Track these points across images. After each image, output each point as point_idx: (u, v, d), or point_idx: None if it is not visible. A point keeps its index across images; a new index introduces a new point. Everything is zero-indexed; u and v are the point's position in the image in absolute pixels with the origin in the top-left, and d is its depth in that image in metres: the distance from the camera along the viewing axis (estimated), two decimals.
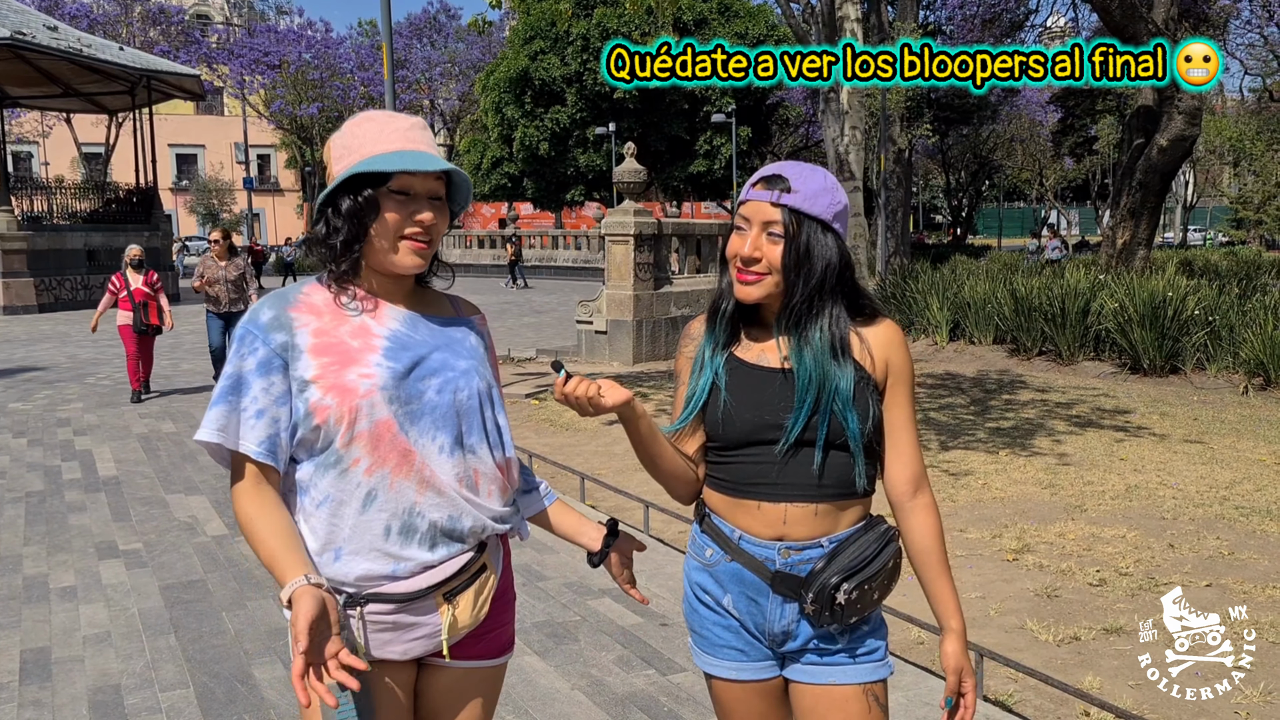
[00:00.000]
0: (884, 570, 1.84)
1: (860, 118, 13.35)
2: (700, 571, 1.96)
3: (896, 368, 1.90)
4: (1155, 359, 11.51)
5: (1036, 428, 8.86)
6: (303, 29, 50.30)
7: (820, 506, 1.85)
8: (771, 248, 1.82)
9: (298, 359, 1.74)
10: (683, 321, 14.64)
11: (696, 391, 1.91)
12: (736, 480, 1.89)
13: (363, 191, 1.75)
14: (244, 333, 1.77)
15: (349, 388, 1.72)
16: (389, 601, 1.75)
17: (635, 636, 4.27)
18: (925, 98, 34.94)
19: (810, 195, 1.82)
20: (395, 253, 1.77)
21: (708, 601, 1.95)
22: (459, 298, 2.03)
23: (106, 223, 25.19)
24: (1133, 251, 15.83)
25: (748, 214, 1.85)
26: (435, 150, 1.82)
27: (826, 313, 1.85)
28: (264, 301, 1.81)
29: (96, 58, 23.01)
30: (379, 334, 1.79)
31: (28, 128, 47.05)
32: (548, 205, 41.90)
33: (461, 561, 1.81)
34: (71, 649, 4.22)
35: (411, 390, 1.77)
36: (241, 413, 1.73)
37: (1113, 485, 6.83)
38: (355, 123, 1.83)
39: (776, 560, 1.85)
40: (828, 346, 1.84)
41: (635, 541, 2.06)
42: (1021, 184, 55.42)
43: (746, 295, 1.85)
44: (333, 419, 1.72)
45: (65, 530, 5.98)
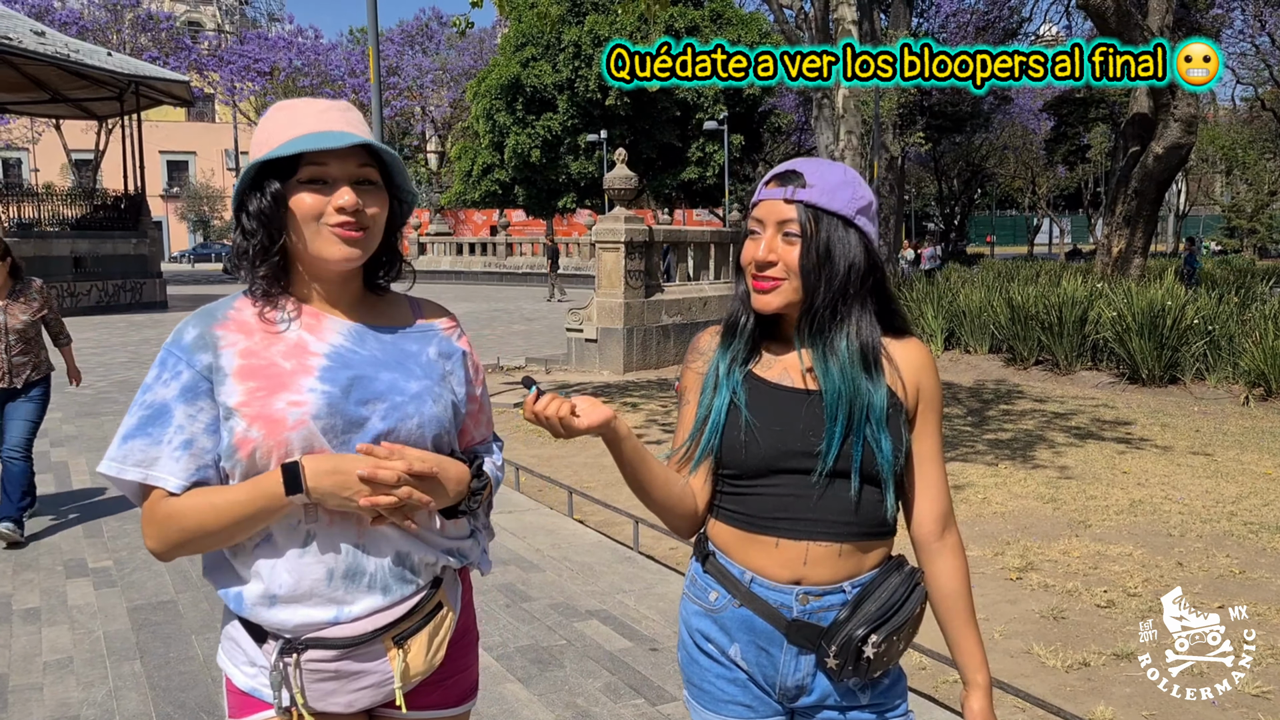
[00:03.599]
0: (912, 619, 1.64)
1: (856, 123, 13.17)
2: (702, 617, 1.73)
3: (928, 393, 1.71)
4: (1154, 369, 11.36)
5: (1036, 439, 8.69)
6: (293, 36, 50.12)
7: (845, 546, 1.64)
8: (788, 249, 1.63)
9: (222, 383, 1.52)
10: (675, 330, 14.46)
11: (711, 412, 1.69)
12: (753, 514, 1.67)
13: (270, 186, 1.52)
14: (165, 355, 1.56)
15: (276, 418, 1.50)
16: (330, 648, 1.55)
17: (624, 662, 4.07)
18: (918, 105, 34.92)
19: (828, 189, 1.63)
20: (320, 244, 1.53)
21: (711, 651, 1.73)
22: (423, 300, 1.79)
23: (94, 229, 24.93)
24: (1128, 260, 15.71)
25: (761, 215, 1.66)
26: (361, 129, 1.59)
27: (853, 319, 1.65)
28: (188, 320, 1.59)
29: (84, 63, 22.78)
30: (317, 351, 1.57)
31: (17, 134, 46.81)
32: (539, 212, 41.71)
33: (413, 602, 1.61)
34: (31, 676, 4.01)
35: (352, 417, 1.54)
36: (165, 445, 1.51)
37: (1116, 500, 6.66)
38: (268, 115, 1.61)
39: (794, 607, 1.64)
40: (857, 357, 1.64)
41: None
42: (1014, 192, 55.42)
43: (765, 304, 1.65)
44: (259, 453, 1.50)
45: (34, 547, 5.76)
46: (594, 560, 5.43)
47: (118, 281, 24.82)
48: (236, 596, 1.57)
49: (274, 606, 1.54)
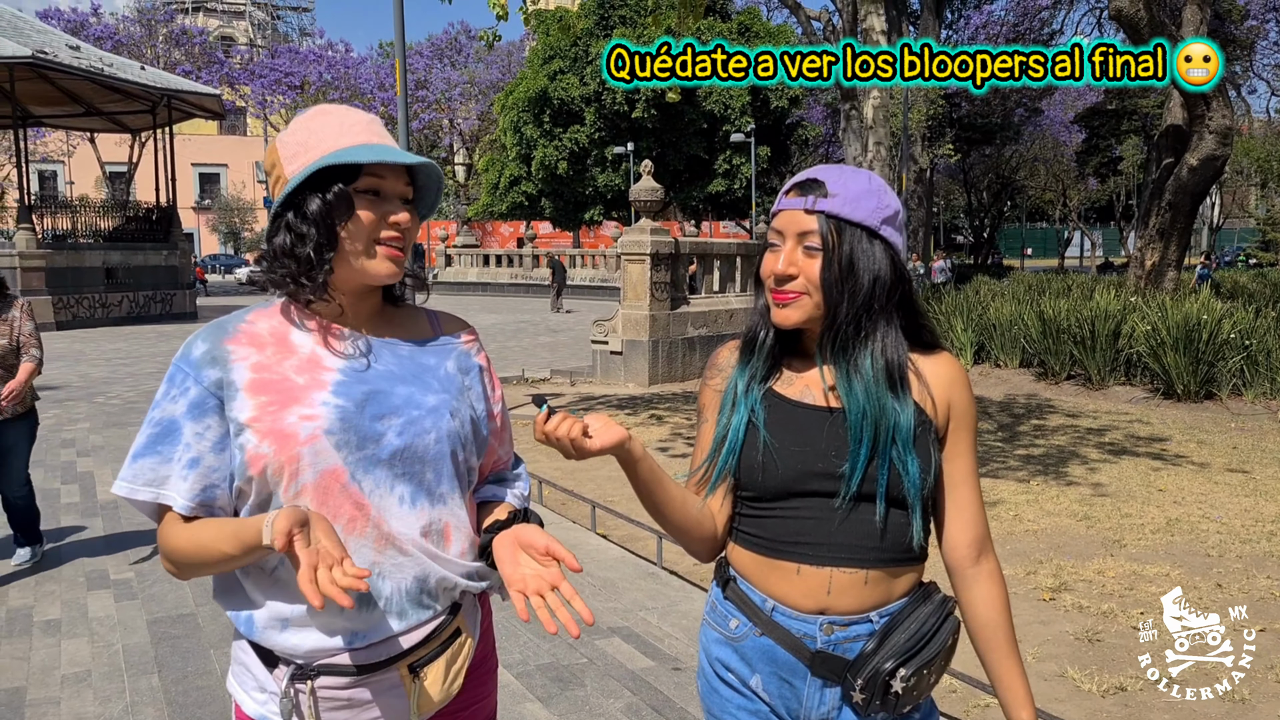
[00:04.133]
0: (943, 651, 1.55)
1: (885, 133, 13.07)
2: (722, 645, 1.65)
3: (960, 411, 1.62)
4: (1190, 384, 11.14)
5: (1069, 455, 8.53)
6: (323, 50, 50.58)
7: (872, 573, 1.55)
8: (809, 262, 1.55)
9: (233, 398, 1.47)
10: (700, 342, 14.37)
11: (729, 431, 1.61)
12: (773, 538, 1.59)
13: (332, 188, 1.47)
14: (174, 371, 1.51)
15: (288, 433, 1.45)
16: (343, 674, 1.48)
17: (645, 682, 3.98)
18: (947, 117, 34.71)
19: (851, 199, 1.54)
20: (370, 259, 1.50)
21: (731, 681, 1.64)
22: (441, 313, 1.73)
23: (126, 241, 25.19)
24: (1162, 273, 15.47)
25: (780, 226, 1.58)
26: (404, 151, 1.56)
27: (878, 336, 1.56)
28: (199, 334, 1.54)
29: (117, 77, 23.04)
30: (331, 366, 1.52)
31: (53, 147, 47.39)
32: (566, 224, 41.77)
33: (430, 627, 1.54)
34: (49, 689, 3.98)
35: (367, 432, 1.49)
36: (175, 463, 1.46)
37: (1152, 518, 6.50)
38: (308, 116, 1.56)
39: (818, 637, 1.56)
40: (882, 375, 1.55)
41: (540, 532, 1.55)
42: (1044, 204, 54.93)
43: (784, 319, 1.57)
44: (270, 470, 1.45)
45: (57, 558, 5.75)
46: (617, 576, 5.35)
47: (148, 292, 25.05)
48: (247, 619, 1.51)
49: (285, 630, 1.48)
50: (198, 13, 70.01)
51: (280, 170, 1.54)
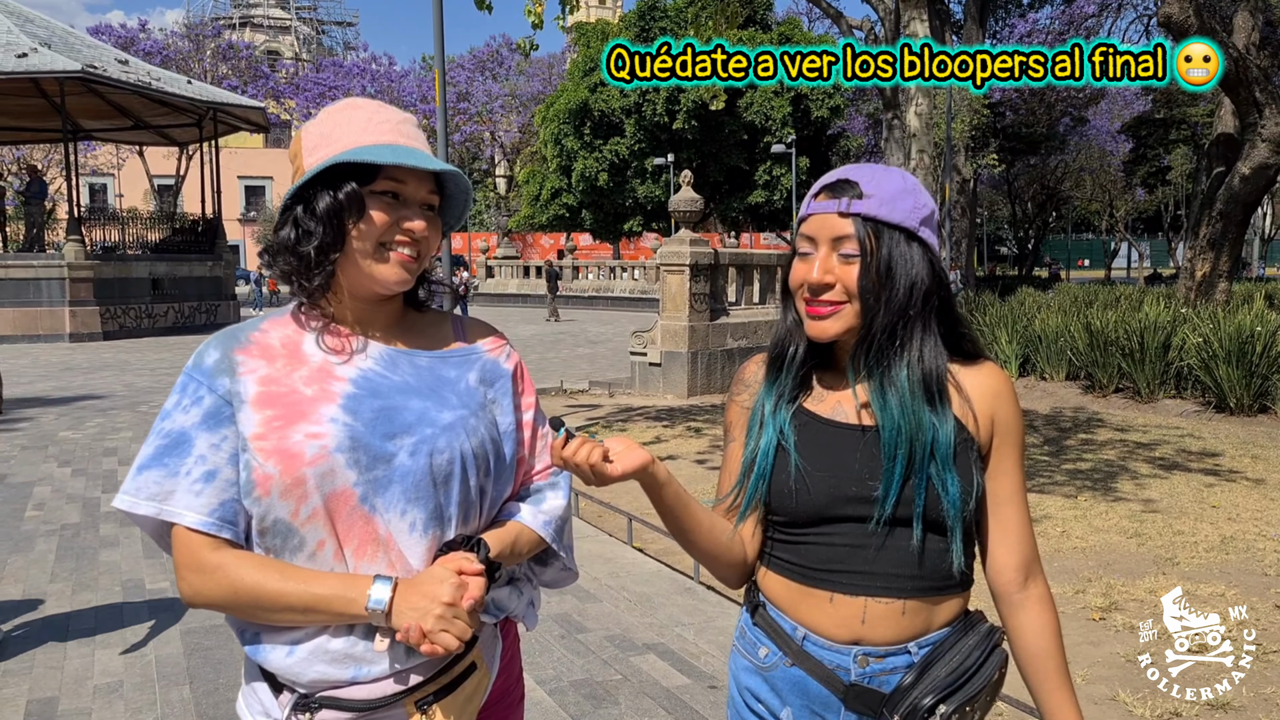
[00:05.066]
0: (988, 687, 1.45)
1: (929, 142, 12.90)
2: (752, 674, 1.56)
3: (1005, 425, 1.50)
4: (1243, 397, 10.85)
5: (1118, 470, 8.31)
6: (367, 63, 51.17)
7: (910, 603, 1.45)
8: (846, 269, 1.44)
9: (240, 410, 1.40)
10: (740, 354, 14.25)
11: (758, 454, 1.50)
12: (805, 565, 1.49)
13: (344, 186, 1.40)
14: (185, 380, 1.44)
15: (293, 452, 1.37)
16: (345, 709, 1.40)
17: (680, 700, 3.89)
18: (991, 127, 34.32)
19: (888, 199, 1.44)
20: (379, 264, 1.42)
21: (761, 713, 1.55)
22: (468, 320, 1.64)
23: (172, 252, 25.55)
24: (1213, 284, 15.13)
25: (811, 232, 1.47)
26: (426, 148, 1.48)
27: (915, 345, 1.45)
28: (210, 342, 1.47)
29: (164, 90, 23.41)
30: (342, 377, 1.44)
31: (103, 160, 48.33)
32: (606, 236, 41.86)
33: (441, 662, 1.44)
34: (80, 700, 3.96)
35: (378, 452, 1.40)
36: (184, 477, 1.38)
37: (1206, 536, 6.30)
38: (337, 109, 1.49)
39: (852, 670, 1.46)
40: (918, 387, 1.44)
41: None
42: (1090, 215, 54.17)
43: (822, 332, 1.46)
44: (276, 492, 1.37)
45: (94, 567, 5.77)
46: (652, 591, 5.26)
47: (193, 303, 25.37)
48: (254, 638, 1.43)
49: (289, 656, 1.40)
50: (244, 28, 71.19)
51: (300, 161, 1.48)
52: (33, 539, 6.34)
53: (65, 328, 21.61)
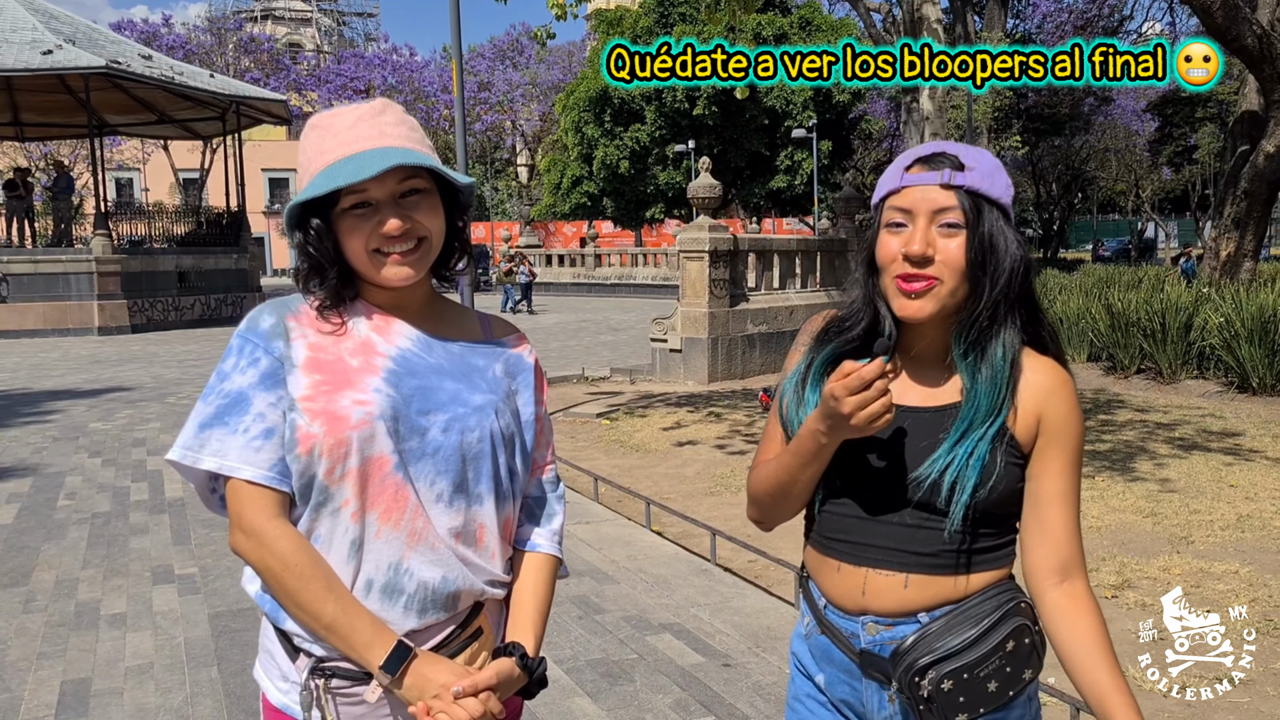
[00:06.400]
0: (999, 654, 1.41)
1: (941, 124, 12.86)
2: (800, 640, 1.62)
3: (1055, 425, 1.45)
4: (1266, 377, 10.79)
5: (1136, 450, 8.31)
6: (388, 55, 51.31)
7: (914, 577, 1.45)
8: (947, 243, 1.40)
9: (290, 373, 1.48)
10: (760, 340, 14.28)
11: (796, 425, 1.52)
12: (820, 534, 1.54)
13: (310, 223, 1.50)
14: (241, 342, 1.51)
15: (340, 415, 1.45)
16: (354, 677, 1.48)
17: (695, 678, 3.97)
18: (1014, 108, 34.04)
19: (987, 174, 1.42)
20: (377, 271, 1.51)
21: (803, 677, 1.62)
22: (493, 317, 1.74)
23: (198, 245, 25.83)
24: (1238, 264, 15.00)
25: (906, 204, 1.42)
26: (395, 138, 1.51)
27: (1009, 325, 1.44)
28: (263, 308, 1.56)
29: (188, 85, 23.63)
30: (384, 353, 1.53)
31: (128, 155, 48.78)
32: (628, 223, 41.84)
33: (448, 630, 1.54)
34: (113, 680, 4.09)
35: (413, 425, 1.49)
36: (243, 434, 1.46)
37: (1222, 514, 6.31)
38: (304, 135, 1.57)
39: (862, 637, 1.49)
40: (1010, 369, 1.43)
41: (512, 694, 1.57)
42: (1116, 196, 53.62)
43: (918, 311, 1.42)
44: (318, 450, 1.45)
45: (125, 554, 5.91)
46: (670, 573, 5.34)
47: (219, 296, 25.63)
48: (273, 601, 1.52)
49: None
50: (266, 20, 71.53)
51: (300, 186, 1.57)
52: (65, 527, 6.50)
53: (94, 321, 21.92)
